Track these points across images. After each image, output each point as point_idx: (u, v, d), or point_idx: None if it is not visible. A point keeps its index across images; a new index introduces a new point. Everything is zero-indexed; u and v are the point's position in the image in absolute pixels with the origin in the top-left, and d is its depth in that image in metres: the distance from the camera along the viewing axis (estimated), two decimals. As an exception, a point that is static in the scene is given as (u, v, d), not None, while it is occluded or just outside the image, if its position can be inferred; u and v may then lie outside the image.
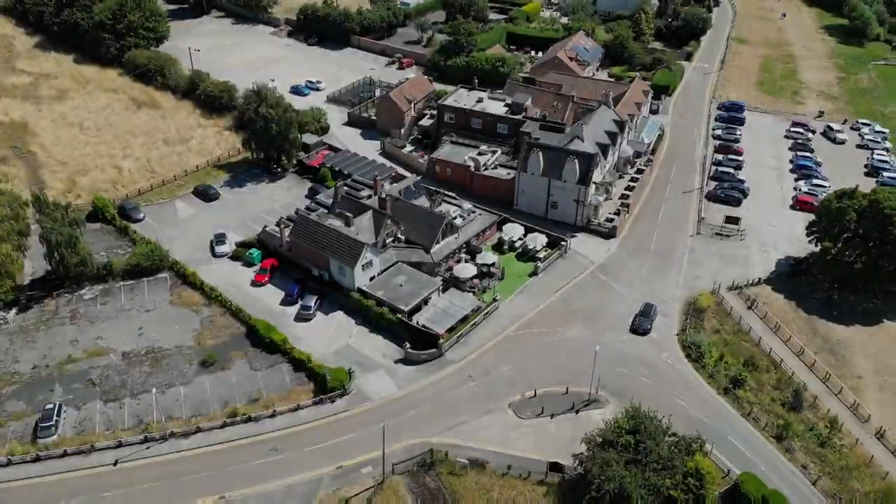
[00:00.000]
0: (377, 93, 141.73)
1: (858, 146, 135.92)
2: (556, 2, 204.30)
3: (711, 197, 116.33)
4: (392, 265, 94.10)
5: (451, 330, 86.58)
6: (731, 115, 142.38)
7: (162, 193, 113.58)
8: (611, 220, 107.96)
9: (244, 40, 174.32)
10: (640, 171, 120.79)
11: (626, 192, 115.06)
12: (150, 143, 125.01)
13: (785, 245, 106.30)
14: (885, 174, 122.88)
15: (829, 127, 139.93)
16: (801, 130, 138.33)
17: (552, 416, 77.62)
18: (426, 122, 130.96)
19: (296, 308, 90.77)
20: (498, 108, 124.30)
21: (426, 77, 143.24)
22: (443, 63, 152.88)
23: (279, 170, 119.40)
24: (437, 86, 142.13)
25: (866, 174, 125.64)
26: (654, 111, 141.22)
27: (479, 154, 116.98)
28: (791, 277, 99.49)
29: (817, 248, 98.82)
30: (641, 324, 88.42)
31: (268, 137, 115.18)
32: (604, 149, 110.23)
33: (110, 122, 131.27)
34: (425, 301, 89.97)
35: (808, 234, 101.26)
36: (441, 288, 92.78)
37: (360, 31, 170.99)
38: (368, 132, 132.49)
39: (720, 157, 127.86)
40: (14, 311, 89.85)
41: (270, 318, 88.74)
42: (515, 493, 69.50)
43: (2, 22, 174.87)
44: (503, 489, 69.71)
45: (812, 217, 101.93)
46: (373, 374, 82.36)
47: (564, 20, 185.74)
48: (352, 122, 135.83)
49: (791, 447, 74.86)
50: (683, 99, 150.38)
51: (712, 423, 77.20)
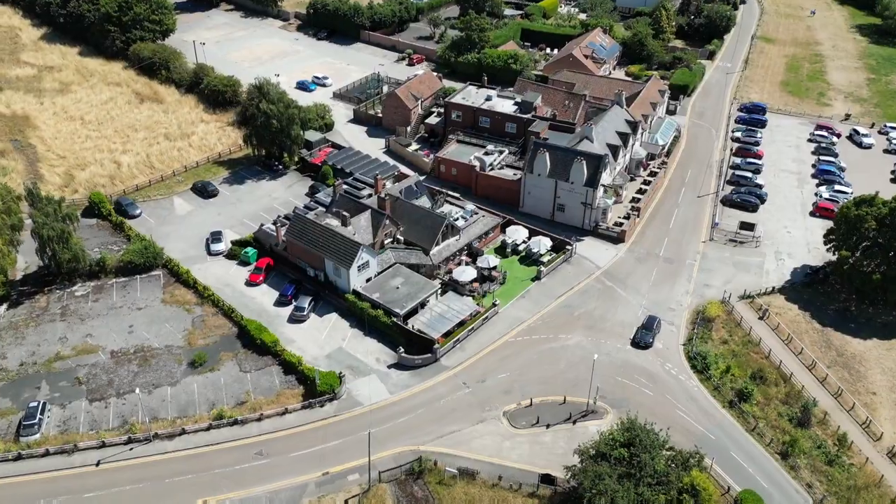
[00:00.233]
0: (385, 89, 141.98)
1: (886, 151, 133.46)
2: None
3: (727, 202, 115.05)
4: (389, 267, 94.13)
5: (448, 335, 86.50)
6: (752, 117, 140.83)
7: (160, 189, 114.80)
8: (620, 224, 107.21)
9: (253, 34, 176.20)
10: (653, 174, 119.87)
11: (638, 196, 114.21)
12: (150, 137, 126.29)
13: (802, 253, 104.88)
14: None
15: (855, 130, 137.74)
16: (826, 134, 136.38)
17: (548, 426, 77.18)
18: (433, 120, 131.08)
19: (290, 309, 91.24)
20: (507, 107, 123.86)
21: (435, 74, 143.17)
22: (453, 59, 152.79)
23: (280, 167, 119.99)
24: (448, 83, 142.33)
25: (892, 180, 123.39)
26: (671, 112, 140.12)
27: (486, 154, 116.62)
28: (807, 287, 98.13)
29: (835, 257, 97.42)
30: (643, 337, 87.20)
31: (269, 134, 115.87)
32: (614, 150, 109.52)
33: (112, 115, 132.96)
34: (422, 304, 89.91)
35: (825, 243, 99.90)
36: (440, 291, 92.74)
37: (370, 25, 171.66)
38: (374, 130, 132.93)
39: (738, 160, 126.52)
40: (4, 306, 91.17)
41: (263, 318, 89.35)
42: (505, 504, 69.21)
43: (9, 13, 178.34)
44: (492, 501, 69.31)
45: (832, 224, 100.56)
46: (365, 378, 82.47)
47: (582, 17, 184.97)
48: (357, 119, 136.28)
49: (796, 464, 73.67)
50: (703, 99, 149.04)
51: (715, 437, 76.34)
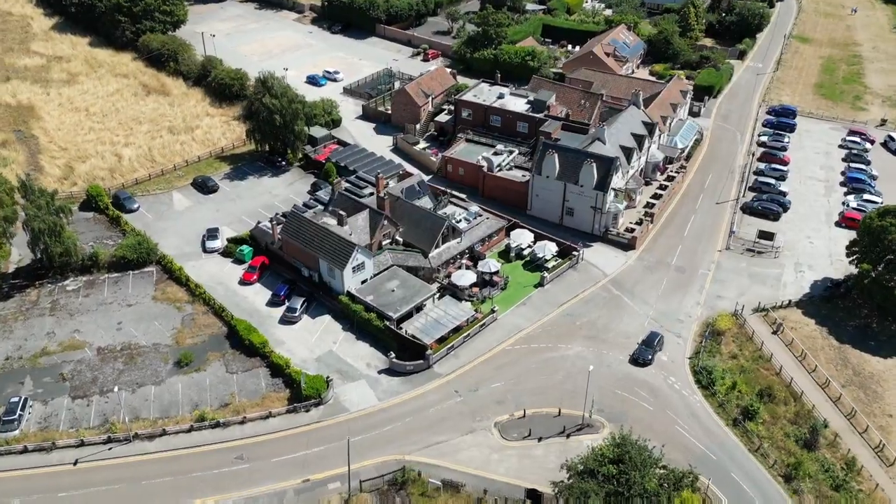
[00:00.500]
0: (396, 85, 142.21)
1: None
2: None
3: (747, 209, 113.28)
4: (386, 269, 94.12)
5: (443, 341, 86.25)
6: (781, 121, 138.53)
7: (160, 184, 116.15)
8: (631, 230, 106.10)
9: (266, 26, 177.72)
10: (670, 178, 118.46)
11: (652, 201, 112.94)
12: (154, 130, 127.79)
13: (824, 265, 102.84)
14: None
15: (890, 137, 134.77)
16: (858, 140, 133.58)
17: (540, 439, 76.53)
18: (443, 117, 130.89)
19: (282, 309, 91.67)
20: (519, 105, 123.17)
21: (448, 70, 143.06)
22: (469, 56, 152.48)
23: (283, 163, 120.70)
24: (462, 79, 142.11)
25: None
26: (694, 114, 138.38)
27: (495, 154, 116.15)
28: (826, 302, 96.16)
29: (857, 271, 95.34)
30: (642, 354, 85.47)
31: (272, 129, 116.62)
32: (627, 152, 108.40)
33: (117, 107, 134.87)
34: (418, 308, 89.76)
35: (848, 255, 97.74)
36: (437, 295, 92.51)
37: (386, 19, 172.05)
38: (383, 127, 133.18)
39: (763, 165, 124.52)
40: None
41: (255, 318, 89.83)
42: (488, 520, 68.82)
43: (22, 2, 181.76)
44: (476, 515, 69.11)
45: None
46: (354, 383, 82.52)
47: (608, 12, 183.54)
48: (366, 115, 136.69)
49: (800, 488, 72.11)
50: (729, 101, 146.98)
51: (715, 456, 75.08)
